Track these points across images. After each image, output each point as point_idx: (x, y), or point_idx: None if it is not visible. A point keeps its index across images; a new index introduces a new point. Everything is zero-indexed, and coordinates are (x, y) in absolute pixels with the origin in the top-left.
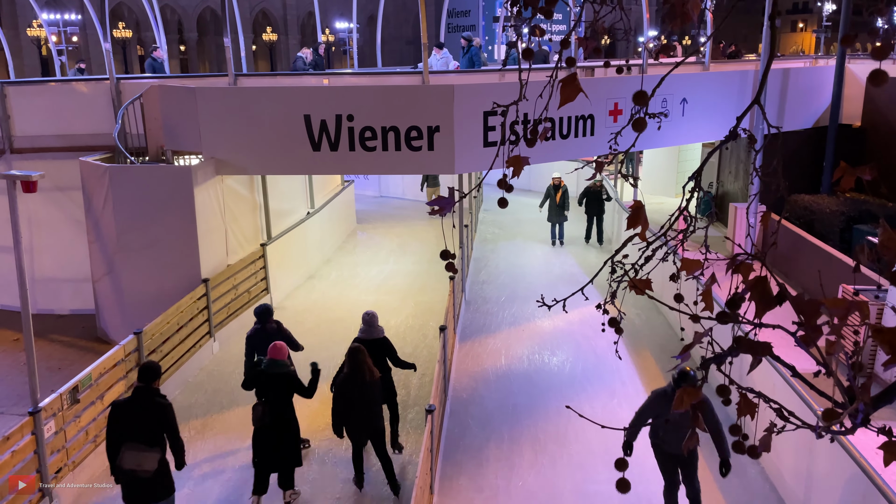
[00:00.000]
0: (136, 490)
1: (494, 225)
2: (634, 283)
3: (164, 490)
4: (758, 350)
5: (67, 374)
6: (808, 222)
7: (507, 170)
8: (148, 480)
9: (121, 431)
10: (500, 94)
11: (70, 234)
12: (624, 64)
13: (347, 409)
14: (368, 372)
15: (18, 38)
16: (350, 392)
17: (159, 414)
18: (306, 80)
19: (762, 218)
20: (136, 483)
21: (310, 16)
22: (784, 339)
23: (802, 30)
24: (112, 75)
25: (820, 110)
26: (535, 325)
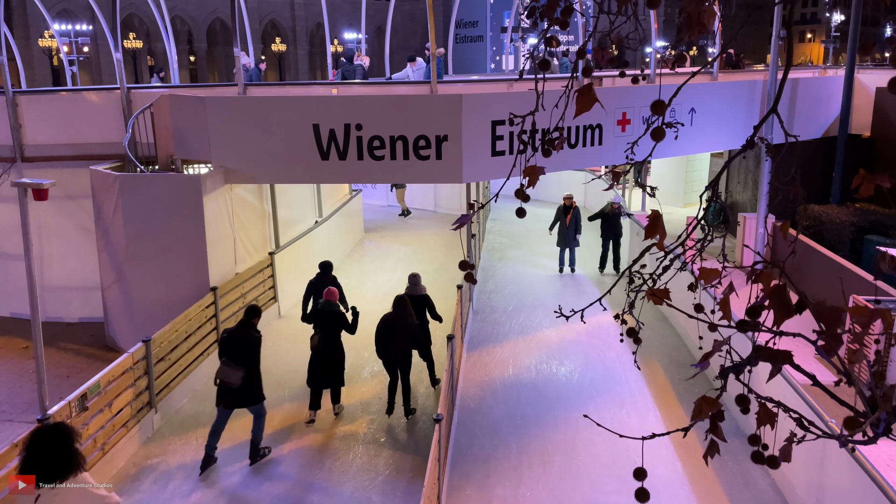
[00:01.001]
0: (227, 395)
1: (502, 234)
2: (652, 293)
3: (251, 399)
4: (778, 358)
5: (76, 382)
6: (818, 233)
7: (522, 179)
8: (236, 390)
9: (223, 351)
10: (508, 103)
11: (79, 243)
12: (640, 74)
13: (386, 342)
14: (409, 316)
15: (30, 49)
16: (391, 329)
17: (250, 344)
18: (315, 90)
19: (781, 227)
20: (227, 390)
21: (318, 26)
22: (800, 348)
23: (811, 40)
24: (123, 85)
25: (829, 120)
26: (543, 335)
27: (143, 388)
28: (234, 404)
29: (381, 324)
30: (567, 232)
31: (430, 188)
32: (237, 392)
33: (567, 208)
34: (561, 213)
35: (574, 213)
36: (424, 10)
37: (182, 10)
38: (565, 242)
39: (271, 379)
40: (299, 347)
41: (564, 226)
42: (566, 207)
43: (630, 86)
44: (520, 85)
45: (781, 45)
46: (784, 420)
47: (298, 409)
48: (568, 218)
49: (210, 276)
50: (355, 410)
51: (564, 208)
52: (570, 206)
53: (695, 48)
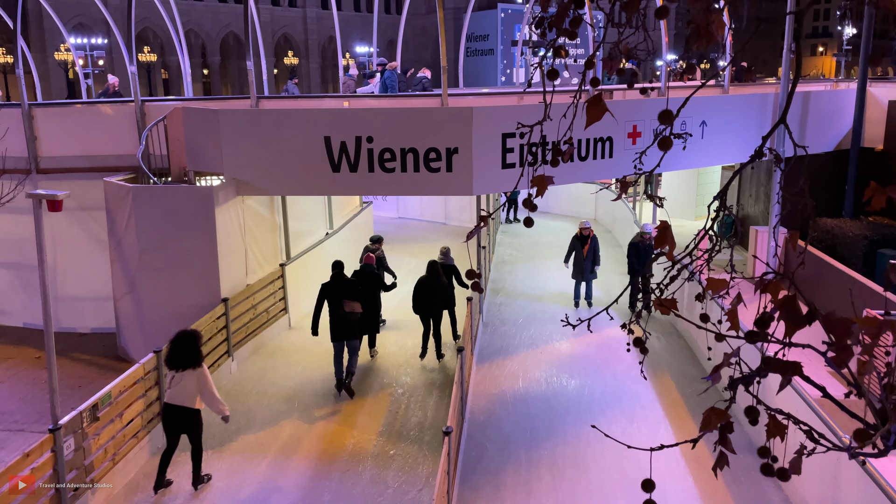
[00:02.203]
0: (346, 329)
1: (512, 247)
2: (660, 303)
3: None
4: (788, 370)
5: (87, 392)
6: (831, 246)
7: (531, 190)
8: (355, 322)
9: (330, 298)
10: (519, 116)
11: (93, 254)
12: (648, 86)
13: (421, 298)
14: (440, 276)
15: (46, 62)
16: (426, 287)
17: (353, 284)
18: (327, 103)
19: (790, 238)
20: (348, 323)
21: (330, 40)
22: (810, 360)
23: (822, 53)
24: (137, 97)
25: (841, 133)
26: (553, 348)
27: (154, 398)
28: (346, 336)
29: (419, 284)
30: (584, 264)
31: (440, 200)
32: (350, 326)
33: (584, 238)
34: (577, 243)
35: (592, 243)
36: (435, 24)
37: (196, 25)
38: (581, 275)
39: (280, 391)
40: (309, 359)
41: (581, 257)
42: (583, 237)
43: (641, 98)
44: (530, 98)
45: (792, 57)
46: (794, 432)
47: (308, 422)
48: (585, 249)
49: (221, 287)
50: (364, 422)
51: (581, 238)
52: (588, 235)
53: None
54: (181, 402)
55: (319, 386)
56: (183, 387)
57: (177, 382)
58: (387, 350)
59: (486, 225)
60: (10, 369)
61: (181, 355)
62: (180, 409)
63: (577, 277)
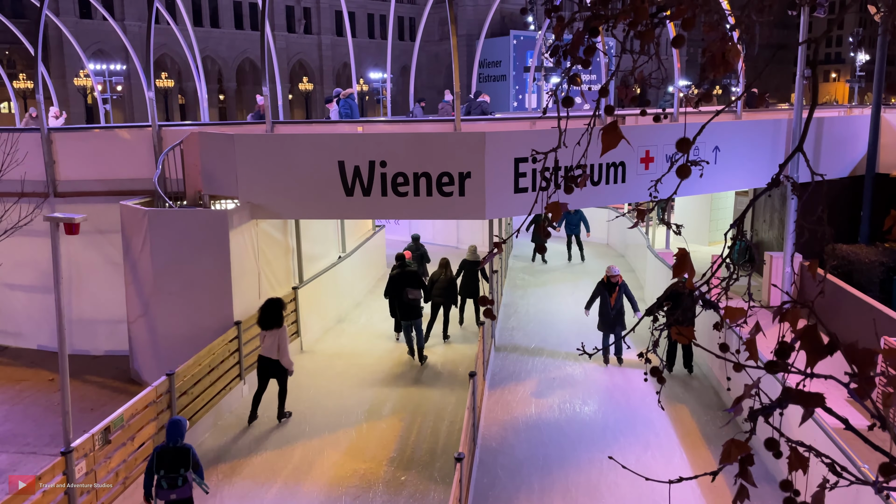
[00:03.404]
0: (410, 311)
1: (524, 271)
2: (678, 332)
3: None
4: (810, 401)
5: (100, 415)
6: (847, 273)
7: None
8: (416, 306)
9: (398, 285)
10: (531, 141)
11: (108, 276)
12: (661, 112)
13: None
14: (448, 271)
15: (66, 88)
16: (437, 281)
17: (415, 275)
18: (341, 128)
19: (809, 267)
20: (411, 307)
21: (345, 66)
22: (831, 391)
23: (836, 80)
24: (154, 122)
25: (856, 160)
26: (566, 374)
27: (166, 422)
28: (411, 317)
29: (431, 279)
30: (610, 313)
31: (452, 224)
32: (414, 309)
33: (611, 286)
34: (603, 290)
35: (621, 291)
36: (448, 51)
37: (213, 51)
38: (609, 326)
39: (291, 415)
40: (320, 383)
41: (608, 307)
42: (610, 285)
43: (653, 124)
44: (542, 123)
45: (806, 84)
46: (815, 465)
47: (319, 446)
48: (613, 298)
49: (234, 309)
50: (375, 448)
51: (608, 285)
52: (616, 282)
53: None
54: (270, 354)
55: (330, 410)
56: (270, 343)
57: (266, 340)
58: (396, 375)
59: (500, 251)
60: (23, 391)
61: (268, 318)
62: (269, 359)
63: (604, 330)
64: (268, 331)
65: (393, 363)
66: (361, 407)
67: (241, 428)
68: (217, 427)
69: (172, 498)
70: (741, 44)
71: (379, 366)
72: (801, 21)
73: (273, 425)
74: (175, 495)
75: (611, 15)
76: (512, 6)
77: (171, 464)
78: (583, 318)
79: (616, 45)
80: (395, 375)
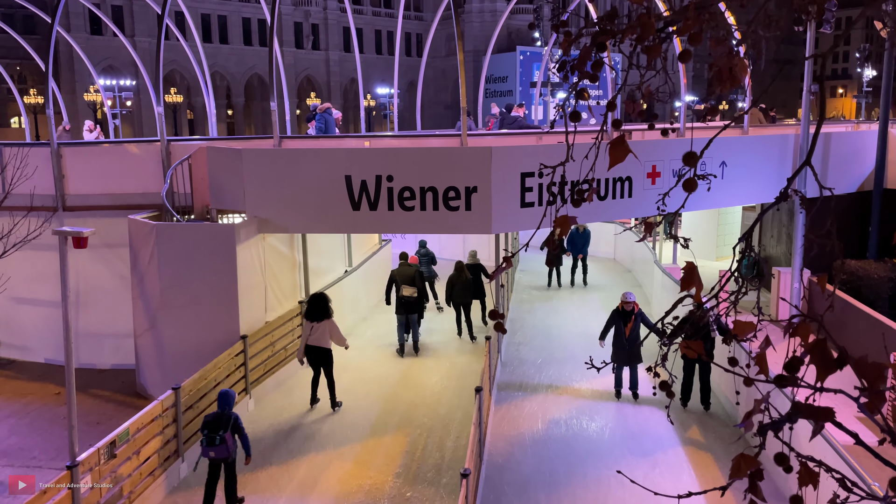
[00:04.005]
0: (407, 305)
1: (531, 286)
2: (687, 346)
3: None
4: (819, 416)
5: (105, 429)
6: (856, 288)
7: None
8: (412, 302)
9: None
10: (537, 156)
11: (115, 290)
12: (669, 127)
13: (453, 291)
14: (465, 272)
15: (76, 103)
16: (456, 282)
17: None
18: (348, 143)
19: (819, 281)
20: (409, 302)
21: (352, 82)
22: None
23: (842, 95)
24: (163, 137)
25: (864, 175)
26: (573, 389)
27: (171, 435)
28: (408, 311)
29: (449, 280)
30: (625, 344)
31: (459, 238)
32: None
33: (626, 314)
34: (617, 319)
35: (637, 320)
36: (455, 66)
37: (222, 67)
38: (625, 358)
39: (297, 430)
40: (327, 398)
41: (623, 338)
42: (625, 313)
43: (660, 139)
44: (549, 138)
45: (813, 99)
46: (826, 481)
47: (325, 461)
48: (628, 327)
49: (241, 324)
50: (381, 463)
51: (622, 314)
52: (631, 311)
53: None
54: (318, 343)
55: (336, 425)
56: (320, 333)
57: (315, 331)
58: (403, 390)
59: (509, 266)
60: (29, 405)
61: (316, 311)
62: (318, 348)
63: (618, 362)
64: (316, 322)
65: (399, 378)
66: (367, 421)
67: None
68: None
69: (211, 455)
70: (748, 59)
71: (385, 380)
72: (808, 37)
73: (278, 440)
74: (213, 453)
75: (618, 30)
76: (518, 22)
77: (213, 426)
78: (590, 333)
79: (623, 60)
80: (401, 390)
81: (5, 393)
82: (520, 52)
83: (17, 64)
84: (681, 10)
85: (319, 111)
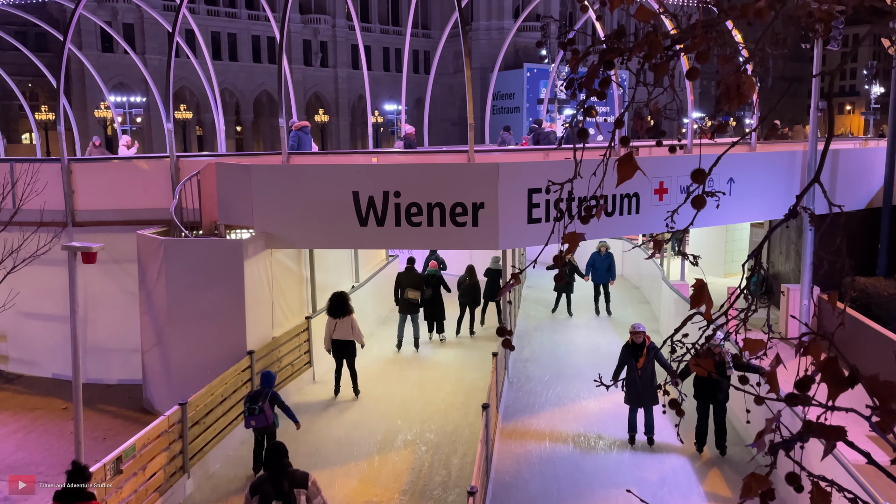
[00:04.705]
0: (409, 307)
1: (538, 302)
2: (697, 363)
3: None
4: (831, 435)
5: (112, 445)
6: (866, 305)
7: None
8: (415, 304)
9: (403, 283)
10: (545, 172)
11: (123, 306)
12: (677, 143)
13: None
14: (474, 276)
15: (86, 119)
16: (464, 284)
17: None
18: (356, 159)
19: (829, 299)
20: (410, 303)
21: (360, 99)
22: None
23: (850, 112)
24: (172, 153)
25: (872, 192)
26: (581, 406)
27: (178, 451)
28: (410, 311)
29: (459, 282)
30: (638, 383)
31: (465, 253)
32: (413, 306)
33: (637, 347)
34: (628, 355)
35: (650, 354)
36: (462, 83)
37: (231, 84)
38: (639, 399)
39: (303, 446)
40: (332, 414)
41: (636, 376)
42: (635, 346)
43: (668, 155)
44: (556, 154)
45: (821, 115)
46: (837, 500)
47: (331, 478)
48: (641, 362)
49: (248, 339)
50: (388, 480)
51: (633, 347)
52: (643, 343)
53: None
54: (344, 337)
55: (343, 441)
56: (343, 328)
57: (339, 326)
58: (409, 406)
59: (517, 282)
60: (36, 420)
61: (338, 308)
62: (342, 341)
63: (632, 402)
64: (339, 318)
65: (405, 394)
66: (373, 438)
67: (251, 460)
68: (228, 458)
69: (252, 424)
70: (755, 76)
71: (391, 396)
72: (815, 54)
73: None
74: (254, 422)
75: (625, 48)
76: (525, 40)
77: (253, 398)
78: (598, 350)
79: (630, 77)
80: (407, 406)
81: (13, 408)
82: (527, 69)
83: (30, 81)
84: (688, 29)
85: (294, 128)
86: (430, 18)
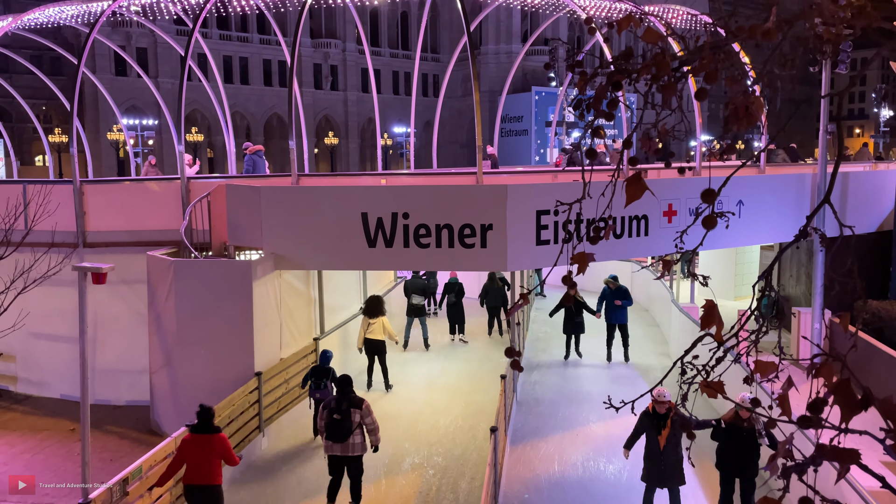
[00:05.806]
0: (416, 310)
1: (546, 324)
2: (707, 385)
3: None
4: (844, 458)
5: (119, 466)
6: (877, 329)
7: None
8: (421, 308)
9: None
10: (553, 194)
11: (132, 326)
12: (686, 165)
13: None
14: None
15: (99, 142)
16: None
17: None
18: (365, 180)
19: (841, 321)
20: (417, 308)
21: (370, 121)
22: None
23: (859, 135)
24: (183, 175)
25: (883, 214)
26: (590, 430)
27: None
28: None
29: (484, 288)
30: (659, 459)
31: (474, 274)
32: (419, 310)
33: (660, 417)
34: (647, 424)
35: (676, 426)
36: (471, 106)
37: (242, 107)
38: (660, 476)
39: (311, 468)
40: None
41: (657, 449)
42: (657, 416)
43: (677, 177)
44: (564, 176)
45: (830, 138)
46: None
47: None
48: (664, 434)
49: (256, 360)
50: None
51: (653, 417)
52: (665, 414)
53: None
54: (375, 336)
55: None
56: (375, 328)
57: (372, 326)
58: (417, 429)
59: (526, 303)
60: (44, 441)
61: (374, 309)
62: (375, 340)
63: (653, 479)
64: (373, 319)
65: (413, 417)
66: (380, 461)
67: (258, 483)
68: (235, 481)
69: (317, 396)
70: (763, 97)
71: (398, 419)
72: (823, 76)
73: (291, 479)
74: (319, 395)
75: (633, 69)
76: (534, 63)
77: (319, 374)
78: (606, 372)
79: (638, 99)
80: (415, 429)
81: (20, 429)
82: (535, 92)
83: (44, 104)
84: (696, 50)
85: (248, 153)
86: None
